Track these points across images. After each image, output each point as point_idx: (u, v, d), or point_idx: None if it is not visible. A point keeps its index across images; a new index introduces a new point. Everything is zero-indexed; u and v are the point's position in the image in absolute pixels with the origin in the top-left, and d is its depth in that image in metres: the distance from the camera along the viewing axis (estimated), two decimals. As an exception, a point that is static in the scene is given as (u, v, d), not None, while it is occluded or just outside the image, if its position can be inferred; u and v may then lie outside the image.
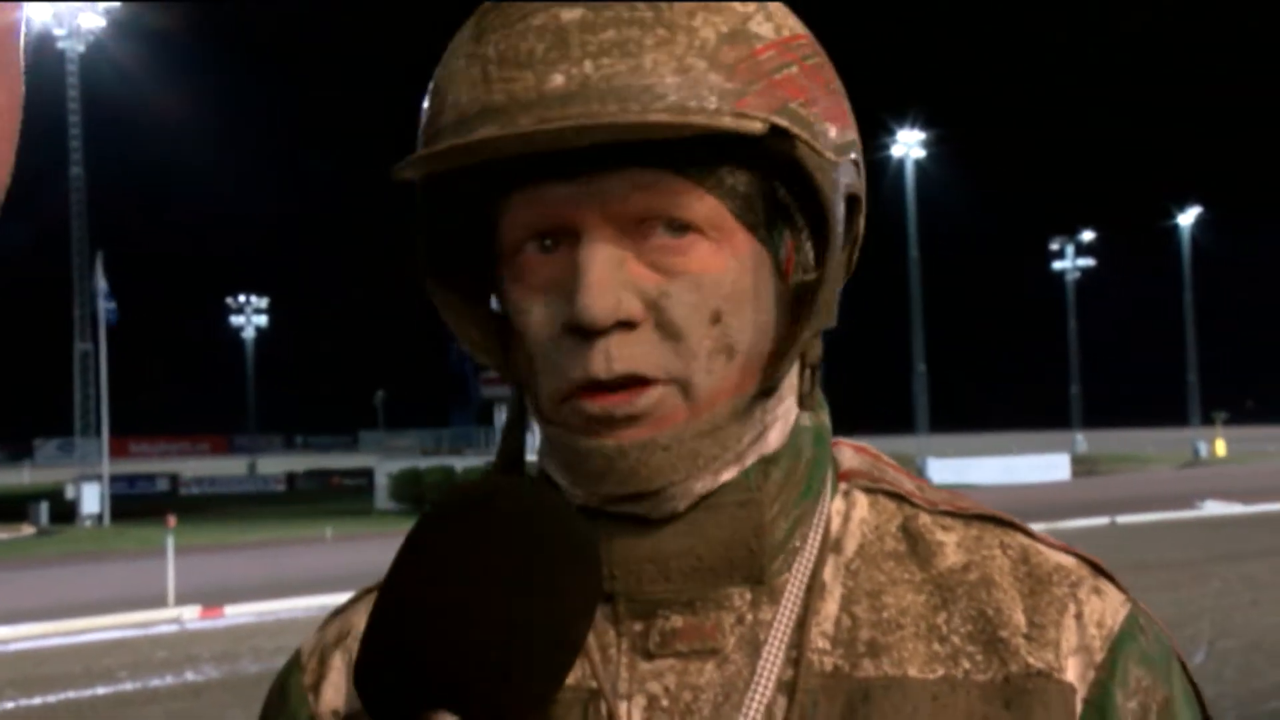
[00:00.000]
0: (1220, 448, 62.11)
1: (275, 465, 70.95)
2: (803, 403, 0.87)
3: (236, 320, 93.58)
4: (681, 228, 0.81)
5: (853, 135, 0.87)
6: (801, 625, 0.84)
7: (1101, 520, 24.48)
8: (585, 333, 0.80)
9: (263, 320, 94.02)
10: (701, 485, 0.83)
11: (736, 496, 0.84)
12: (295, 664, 0.95)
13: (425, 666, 0.72)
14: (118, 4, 48.64)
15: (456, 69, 0.83)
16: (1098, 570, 0.88)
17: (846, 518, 0.90)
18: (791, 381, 0.88)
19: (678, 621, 0.85)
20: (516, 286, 0.84)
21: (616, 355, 0.80)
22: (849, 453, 0.94)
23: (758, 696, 0.83)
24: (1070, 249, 79.20)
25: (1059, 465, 47.73)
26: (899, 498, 0.91)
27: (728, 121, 0.78)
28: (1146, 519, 25.02)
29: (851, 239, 0.89)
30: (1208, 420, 74.86)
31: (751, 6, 0.83)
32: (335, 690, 0.91)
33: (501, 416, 47.21)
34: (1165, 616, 11.90)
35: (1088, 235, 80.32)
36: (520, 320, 0.84)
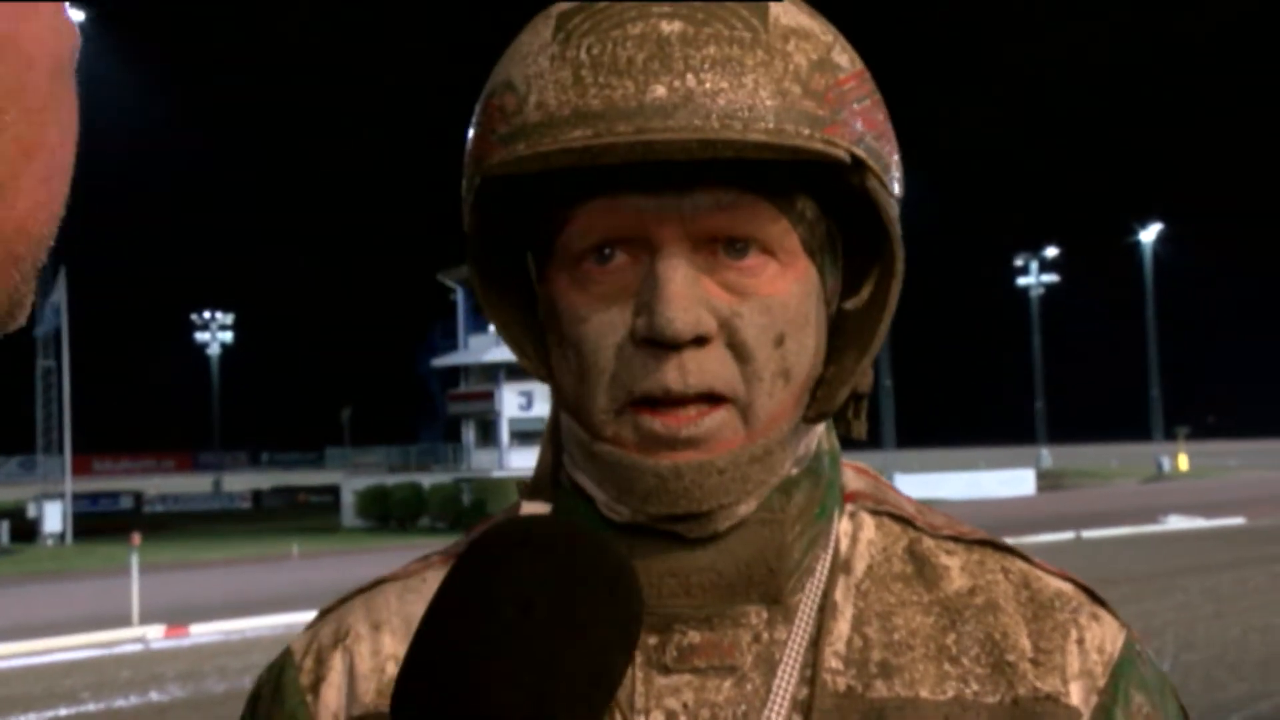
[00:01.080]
0: (1183, 462, 62.59)
1: (241, 482, 70.40)
2: (850, 430, 0.88)
3: (201, 336, 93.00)
4: (755, 249, 0.82)
5: (900, 172, 0.88)
6: (815, 645, 0.85)
7: (1067, 535, 24.61)
8: (662, 346, 0.80)
9: (228, 336, 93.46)
10: (745, 508, 0.84)
11: (760, 515, 0.85)
12: (287, 663, 0.93)
13: (464, 702, 0.71)
14: (80, 16, 48.40)
15: (540, 69, 0.81)
16: (1094, 597, 0.90)
17: (854, 539, 0.90)
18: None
19: (695, 637, 0.85)
20: (575, 293, 0.83)
21: (692, 369, 0.80)
22: (851, 473, 0.94)
23: (775, 715, 0.83)
24: (1034, 265, 79.74)
25: (1024, 480, 47.95)
26: (903, 520, 0.92)
27: (819, 146, 0.78)
28: (1111, 533, 25.19)
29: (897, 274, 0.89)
30: (1170, 435, 75.44)
31: (831, 37, 0.84)
32: (337, 692, 0.90)
33: (470, 432, 47.02)
34: (1130, 630, 12.07)
35: (1052, 251, 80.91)
36: (575, 329, 0.83)
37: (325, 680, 0.91)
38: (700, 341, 0.80)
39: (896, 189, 0.87)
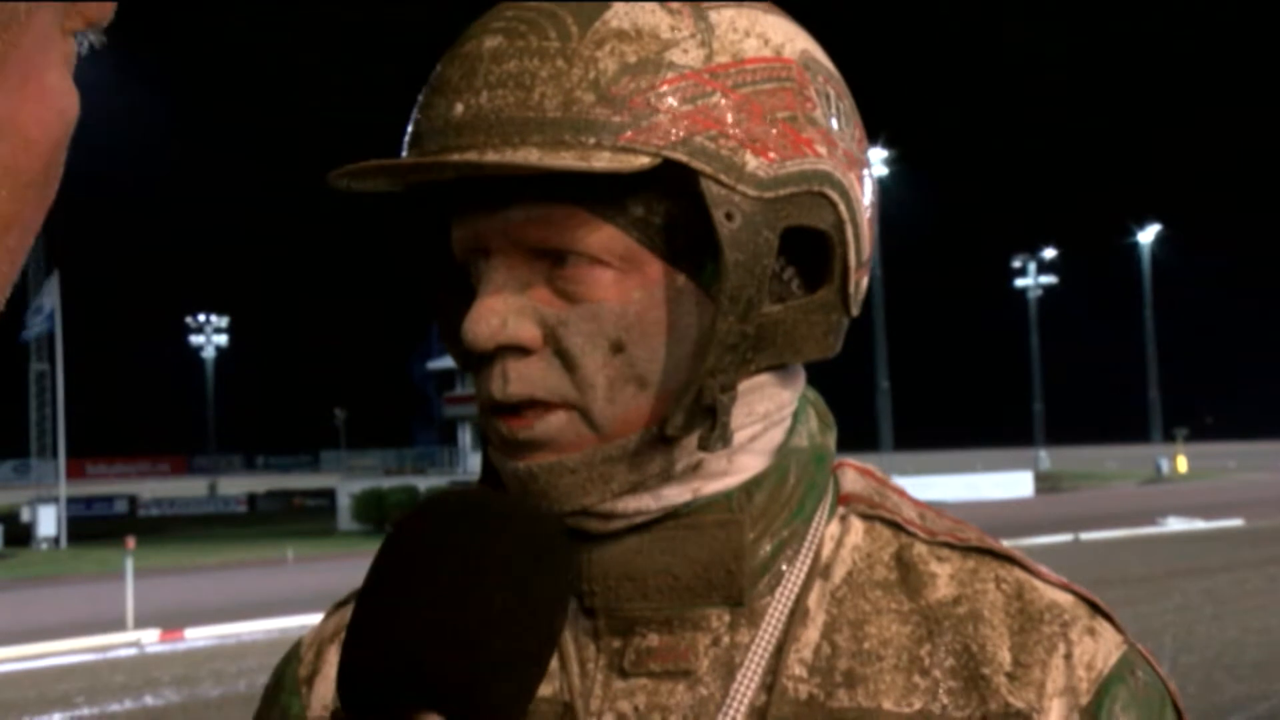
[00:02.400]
0: (1181, 464, 62.58)
1: (236, 486, 70.31)
2: (700, 445, 0.82)
3: (196, 339, 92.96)
4: (576, 258, 0.81)
5: (812, 166, 0.83)
6: (780, 650, 0.84)
7: (1065, 537, 24.59)
8: (479, 355, 0.82)
9: (223, 339, 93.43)
10: (636, 504, 0.83)
11: (717, 516, 0.84)
12: (294, 655, 0.96)
13: (407, 665, 0.70)
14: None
15: (424, 87, 0.85)
16: (1095, 610, 0.87)
17: (839, 543, 0.88)
18: (755, 412, 0.86)
19: (653, 640, 0.84)
20: (469, 303, 0.86)
21: (512, 378, 0.82)
22: (852, 475, 0.92)
23: None
24: (1032, 266, 79.77)
25: (1022, 482, 47.91)
26: (896, 525, 0.90)
27: (601, 160, 0.77)
28: (1109, 535, 25.18)
29: (836, 275, 0.86)
30: (1169, 436, 75.46)
31: (686, 33, 0.81)
32: (327, 684, 0.91)
33: (466, 435, 46.95)
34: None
35: (1049, 253, 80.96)
36: None
37: (320, 673, 0.93)
38: (521, 350, 0.81)
39: (817, 187, 0.83)
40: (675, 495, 0.84)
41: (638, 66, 0.79)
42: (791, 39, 0.86)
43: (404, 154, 0.84)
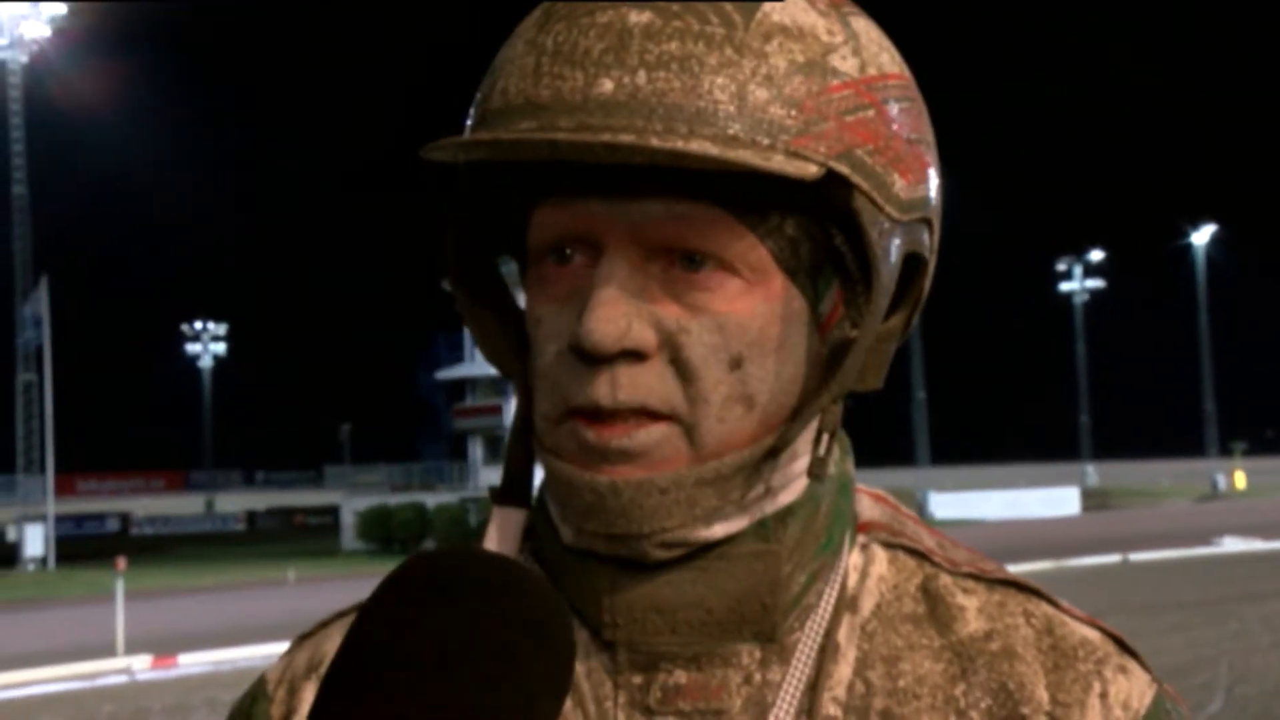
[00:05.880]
0: (1239, 480, 62.33)
1: (234, 503, 70.68)
2: (811, 470, 0.83)
3: (193, 348, 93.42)
4: (711, 264, 0.79)
5: (928, 193, 0.85)
6: (813, 688, 0.83)
7: (1113, 558, 24.50)
8: (589, 357, 0.79)
9: (221, 348, 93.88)
10: (699, 534, 0.82)
11: (751, 548, 0.83)
12: (260, 692, 0.93)
13: None
14: (62, 12, 48.66)
15: (514, 54, 0.82)
16: (1123, 647, 0.88)
17: (864, 574, 0.88)
18: (809, 438, 0.86)
19: (681, 677, 0.83)
20: (536, 294, 0.84)
21: (624, 383, 0.79)
22: (867, 502, 0.92)
23: None
24: (1078, 270, 79.71)
25: (1068, 499, 47.84)
26: (920, 555, 0.90)
27: (777, 162, 0.75)
28: (1161, 556, 25.06)
29: (911, 302, 0.87)
30: (1226, 451, 75.20)
31: (840, 38, 0.81)
32: None
33: (477, 449, 46.96)
34: (1180, 660, 11.83)
35: (1096, 255, 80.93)
36: (534, 331, 0.84)
37: (297, 713, 0.90)
38: (637, 356, 0.79)
39: (925, 215, 0.85)
40: (735, 526, 0.83)
41: (805, 68, 0.78)
42: (903, 59, 0.87)
43: (482, 123, 0.81)
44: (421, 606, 0.70)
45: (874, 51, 0.83)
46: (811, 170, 0.77)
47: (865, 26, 0.84)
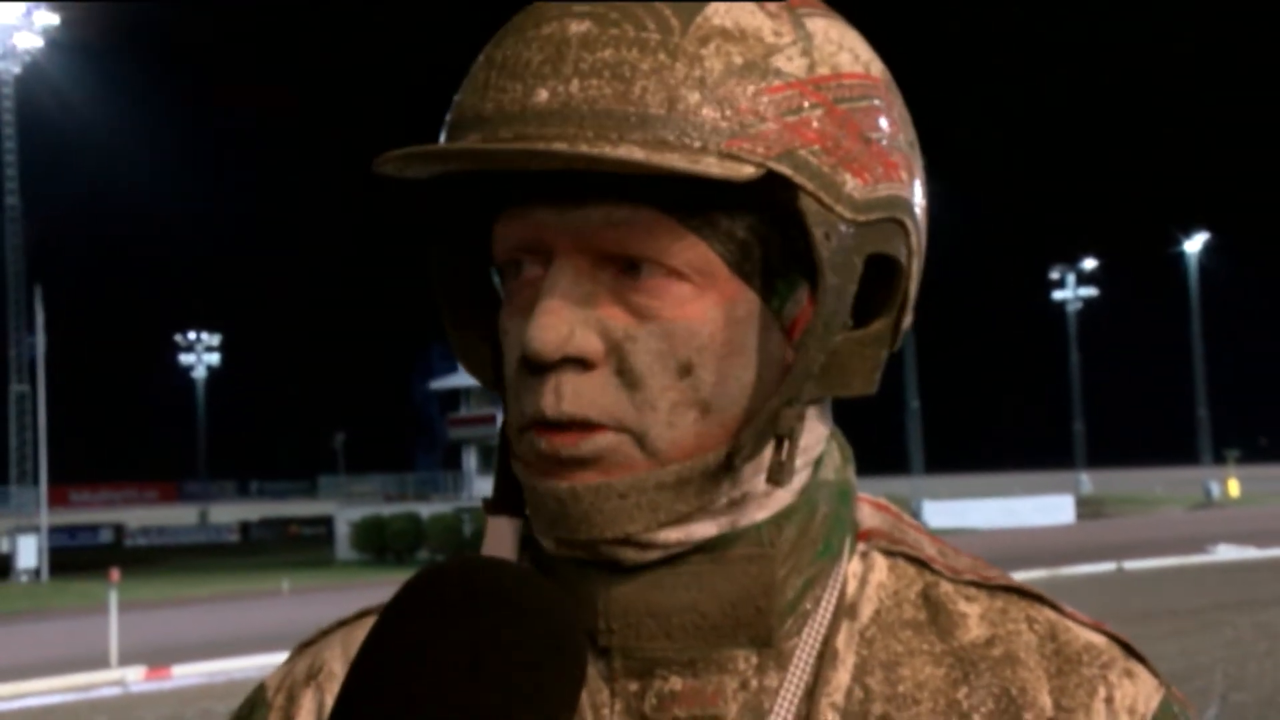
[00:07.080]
0: (1233, 488, 62.37)
1: (228, 514, 70.46)
2: (770, 475, 0.82)
3: (186, 359, 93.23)
4: (654, 270, 0.79)
5: (896, 192, 0.84)
6: (810, 695, 0.83)
7: (1107, 566, 24.52)
8: (533, 366, 0.79)
9: (214, 359, 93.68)
10: (670, 536, 0.82)
11: (745, 551, 0.83)
12: (260, 700, 0.94)
13: None
14: (55, 23, 48.63)
15: (474, 69, 0.83)
16: (1129, 651, 0.87)
17: (863, 581, 0.88)
18: (801, 444, 0.85)
19: (677, 684, 0.83)
20: (504, 306, 0.84)
21: (567, 394, 0.79)
22: (868, 510, 0.92)
23: None
24: (1071, 278, 79.78)
25: (1062, 507, 47.84)
26: (920, 563, 0.89)
27: (707, 165, 0.75)
28: (1155, 564, 25.08)
29: (895, 307, 0.85)
30: (1220, 458, 75.24)
31: (788, 39, 0.80)
32: None
33: (471, 459, 46.92)
34: (1174, 668, 11.80)
35: (1090, 263, 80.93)
36: (504, 342, 0.84)
37: (295, 719, 0.91)
38: (582, 364, 0.79)
39: (897, 215, 0.83)
40: (714, 528, 0.83)
41: (745, 69, 0.78)
42: (874, 58, 0.86)
43: (445, 137, 0.82)
44: (454, 613, 0.71)
45: (829, 51, 0.82)
46: (746, 172, 0.76)
47: (824, 26, 0.83)
